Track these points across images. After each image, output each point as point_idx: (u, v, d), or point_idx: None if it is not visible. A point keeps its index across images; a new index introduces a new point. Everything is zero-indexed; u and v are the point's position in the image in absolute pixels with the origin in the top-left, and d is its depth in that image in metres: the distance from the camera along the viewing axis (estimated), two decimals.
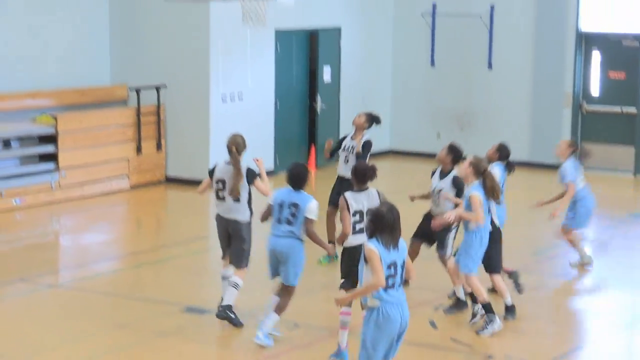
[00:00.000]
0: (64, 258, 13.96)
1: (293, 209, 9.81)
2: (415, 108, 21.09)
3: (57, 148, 16.47)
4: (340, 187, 12.26)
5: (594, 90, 19.84)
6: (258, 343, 9.91)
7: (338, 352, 9.55)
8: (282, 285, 10.01)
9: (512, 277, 11.62)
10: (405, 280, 8.08)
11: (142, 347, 10.06)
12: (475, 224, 10.34)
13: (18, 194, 15.93)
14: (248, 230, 10.58)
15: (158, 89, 17.71)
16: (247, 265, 10.65)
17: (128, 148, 17.50)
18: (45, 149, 16.48)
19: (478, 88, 20.52)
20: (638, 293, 12.40)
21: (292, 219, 9.82)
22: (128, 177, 17.50)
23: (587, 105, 19.88)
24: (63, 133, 16.52)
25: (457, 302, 11.11)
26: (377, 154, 20.88)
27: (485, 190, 10.30)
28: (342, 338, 9.53)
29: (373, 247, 7.66)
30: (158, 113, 17.80)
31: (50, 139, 16.50)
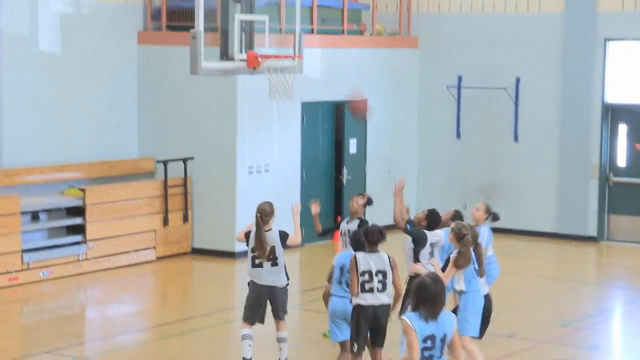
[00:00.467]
0: (91, 330, 13.94)
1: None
2: (441, 179, 21.10)
3: (84, 220, 16.55)
4: None
5: (621, 162, 19.81)
6: None
7: None
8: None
9: None
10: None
11: None
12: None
13: (45, 266, 15.98)
14: (285, 291, 11.04)
15: (185, 161, 17.83)
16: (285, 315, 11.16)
17: (155, 220, 17.58)
18: (73, 221, 16.56)
19: (504, 160, 20.51)
20: None
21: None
22: (155, 248, 17.55)
23: (613, 177, 19.82)
24: (91, 205, 16.62)
25: None
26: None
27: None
28: None
29: (409, 321, 7.53)
30: (185, 185, 17.89)
31: (78, 211, 16.59)
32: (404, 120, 21.09)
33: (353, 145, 19.90)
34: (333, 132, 19.66)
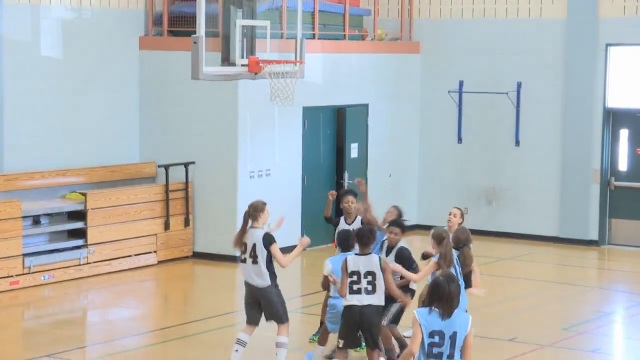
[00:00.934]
0: (92, 334, 13.93)
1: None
2: (442, 184, 21.10)
3: (86, 224, 16.57)
4: None
5: (622, 166, 19.81)
6: None
7: None
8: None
9: None
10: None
11: None
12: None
13: (47, 270, 16.00)
14: (274, 292, 10.88)
15: (186, 166, 17.84)
16: (287, 320, 11.02)
17: (156, 224, 17.59)
18: (75, 226, 16.58)
19: (505, 164, 20.51)
20: None
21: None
22: (156, 252, 17.55)
23: (615, 181, 19.82)
24: (92, 210, 16.64)
25: None
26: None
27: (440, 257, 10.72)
28: None
29: (417, 315, 7.72)
30: (186, 189, 17.90)
31: (80, 216, 16.62)
32: (406, 125, 21.10)
33: (354, 150, 19.90)
34: (334, 136, 19.65)
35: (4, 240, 15.47)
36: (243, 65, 15.09)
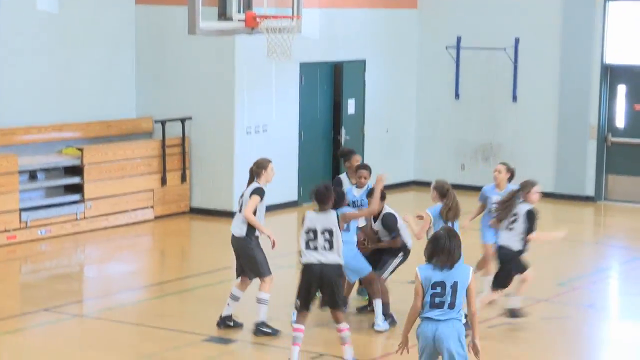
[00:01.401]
0: (89, 288, 13.99)
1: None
2: (440, 140, 21.08)
3: (82, 180, 16.56)
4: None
5: (619, 122, 19.79)
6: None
7: None
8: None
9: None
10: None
11: None
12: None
13: (43, 225, 16.01)
14: (251, 245, 10.94)
15: (183, 122, 17.81)
16: (268, 274, 11.00)
17: (153, 179, 17.58)
18: (71, 181, 16.58)
19: (503, 121, 20.48)
20: None
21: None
22: (153, 208, 17.56)
23: (612, 137, 19.81)
24: (89, 165, 16.63)
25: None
26: (400, 185, 20.92)
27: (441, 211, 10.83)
28: (293, 353, 9.85)
29: (417, 271, 8.14)
30: (183, 145, 17.87)
31: (76, 171, 16.60)
32: (403, 81, 21.04)
33: (351, 106, 19.86)
34: (331, 92, 19.61)
35: (1, 195, 15.47)
36: (240, 21, 14.97)
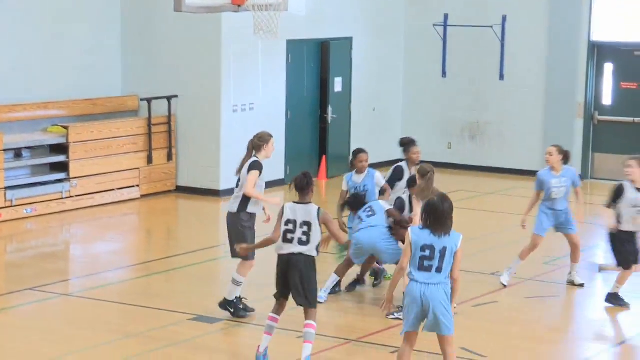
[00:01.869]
0: (75, 267, 13.93)
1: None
2: (426, 118, 21.05)
3: (68, 158, 16.50)
4: None
5: (606, 100, 19.81)
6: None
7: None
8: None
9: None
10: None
11: (152, 356, 10.03)
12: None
13: (29, 204, 15.94)
14: (239, 220, 10.75)
15: (169, 100, 17.72)
16: (251, 259, 10.82)
17: (139, 158, 17.51)
18: (57, 159, 16.50)
19: (489, 99, 20.47)
20: None
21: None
22: (139, 186, 17.51)
23: (598, 116, 19.82)
24: (74, 143, 16.56)
25: None
26: (387, 163, 20.89)
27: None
28: (263, 341, 9.73)
29: (409, 231, 8.53)
30: (169, 123, 17.80)
31: (62, 149, 16.53)
32: (390, 59, 20.98)
33: (338, 84, 19.82)
34: (318, 70, 19.56)
35: None
36: None
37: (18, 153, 16.16)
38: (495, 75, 20.35)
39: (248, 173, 10.77)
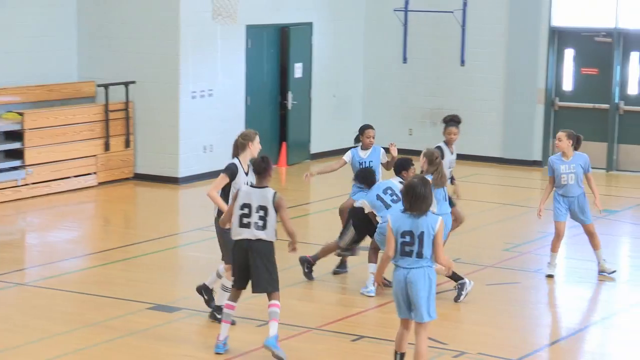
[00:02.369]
0: (31, 256, 13.74)
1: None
2: (387, 104, 20.98)
3: (23, 145, 16.25)
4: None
5: (567, 86, 19.83)
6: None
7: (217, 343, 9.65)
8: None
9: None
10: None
11: (111, 346, 9.90)
12: None
13: None
14: (216, 223, 10.18)
15: (126, 86, 17.52)
16: (229, 262, 10.01)
17: (96, 145, 17.30)
18: (11, 146, 16.24)
19: (450, 85, 20.43)
20: (609, 289, 12.32)
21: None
22: (96, 174, 17.30)
23: (559, 102, 19.85)
24: (30, 130, 16.31)
25: None
26: (348, 150, 20.76)
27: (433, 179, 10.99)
28: (222, 330, 9.64)
29: (389, 218, 8.62)
30: (127, 109, 17.60)
31: (17, 136, 16.27)
32: (350, 44, 20.88)
33: (298, 70, 19.69)
34: (278, 56, 19.41)
35: None
36: None
37: None
38: (456, 61, 20.31)
39: (219, 175, 10.12)
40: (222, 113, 18.00)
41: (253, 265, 9.38)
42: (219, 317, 10.02)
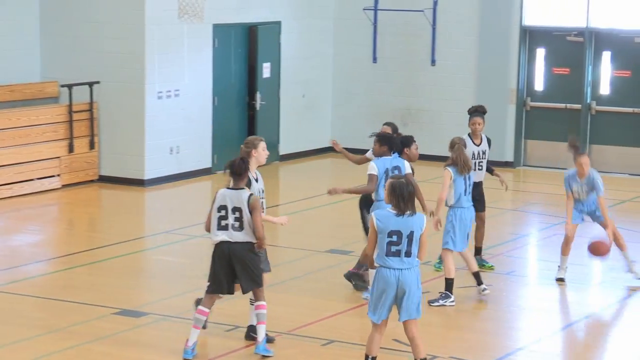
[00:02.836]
0: None
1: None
2: (357, 104, 20.83)
3: None
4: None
5: (538, 86, 19.75)
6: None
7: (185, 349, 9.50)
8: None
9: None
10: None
11: (76, 352, 9.71)
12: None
13: None
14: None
15: (91, 86, 17.32)
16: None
17: (60, 146, 17.08)
18: None
19: (421, 84, 20.31)
20: (586, 291, 12.24)
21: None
22: (60, 176, 17.07)
23: (530, 102, 19.76)
24: None
25: None
26: (317, 151, 20.66)
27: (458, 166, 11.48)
28: (192, 335, 9.50)
29: (373, 217, 8.60)
30: (91, 110, 17.41)
31: None
32: (319, 44, 20.73)
33: (267, 70, 19.53)
34: (246, 55, 19.24)
35: None
36: None
37: None
38: (427, 61, 20.19)
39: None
40: (189, 114, 17.82)
41: (238, 271, 9.40)
42: (254, 335, 9.71)
